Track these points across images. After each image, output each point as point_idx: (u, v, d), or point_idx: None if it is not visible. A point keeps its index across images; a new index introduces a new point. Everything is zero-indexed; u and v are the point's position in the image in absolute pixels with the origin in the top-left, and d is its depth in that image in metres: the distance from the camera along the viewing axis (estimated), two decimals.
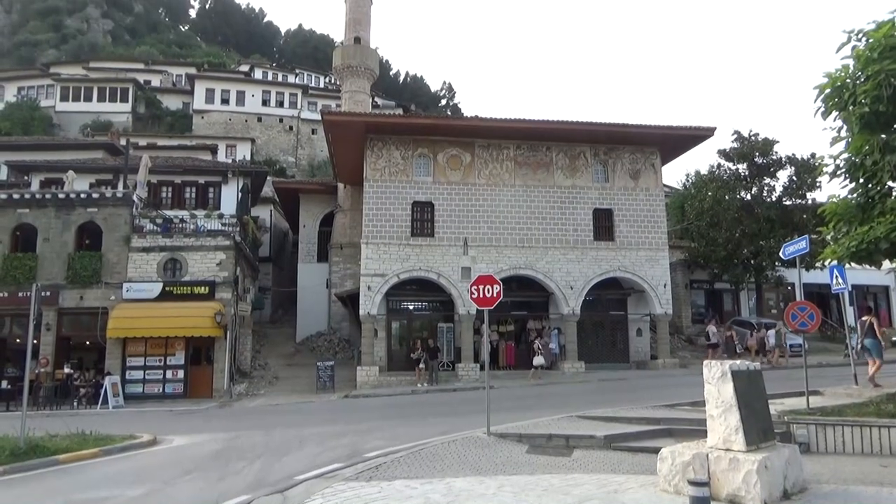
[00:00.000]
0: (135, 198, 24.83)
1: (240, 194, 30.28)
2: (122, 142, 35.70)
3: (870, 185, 10.53)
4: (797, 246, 12.61)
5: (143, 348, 23.48)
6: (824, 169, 11.27)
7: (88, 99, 54.53)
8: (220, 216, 26.57)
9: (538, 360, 23.16)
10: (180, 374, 23.59)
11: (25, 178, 31.00)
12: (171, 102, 58.98)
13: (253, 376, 25.99)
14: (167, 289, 23.68)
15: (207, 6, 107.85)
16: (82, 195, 24.68)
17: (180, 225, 25.51)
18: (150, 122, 56.11)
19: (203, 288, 23.86)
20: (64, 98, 54.19)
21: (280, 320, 35.32)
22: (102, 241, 24.11)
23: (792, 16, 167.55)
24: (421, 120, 29.47)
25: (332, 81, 69.01)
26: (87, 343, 24.26)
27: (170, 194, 30.96)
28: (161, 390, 23.29)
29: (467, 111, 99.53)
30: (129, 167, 27.54)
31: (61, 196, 24.42)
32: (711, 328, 26.88)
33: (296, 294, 32.84)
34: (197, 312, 23.15)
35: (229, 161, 41.49)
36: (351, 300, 27.34)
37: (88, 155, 34.70)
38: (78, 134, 49.67)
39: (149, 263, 23.98)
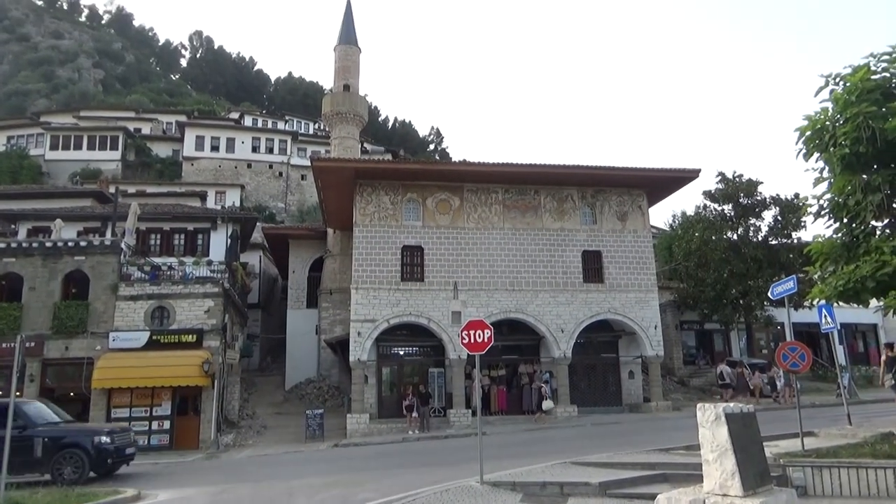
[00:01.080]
0: (123, 245, 24.70)
1: (229, 241, 30.19)
2: (111, 189, 35.69)
3: (854, 225, 10.66)
4: (785, 286, 12.68)
5: (128, 399, 23.00)
6: (808, 209, 11.41)
7: (78, 147, 54.73)
8: (209, 263, 26.40)
9: (547, 404, 23.03)
10: (166, 424, 23.09)
11: (12, 226, 30.80)
12: (161, 150, 59.31)
13: (241, 426, 25.49)
14: (154, 337, 23.37)
15: (198, 55, 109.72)
16: (69, 243, 24.53)
17: (168, 272, 25.31)
18: (139, 169, 56.31)
19: (191, 336, 23.57)
20: (54, 147, 54.37)
21: (269, 368, 34.81)
22: (89, 289, 23.85)
23: (772, 59, 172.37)
24: (410, 165, 29.80)
25: (322, 128, 69.77)
26: (72, 394, 23.75)
27: (158, 241, 30.82)
28: (146, 442, 22.72)
29: (455, 155, 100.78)
30: (117, 215, 27.47)
31: (48, 244, 24.26)
32: (725, 368, 26.72)
33: (285, 341, 32.47)
34: (184, 361, 22.81)
35: (218, 207, 41.46)
36: (341, 346, 27.07)
37: (77, 203, 34.63)
38: (67, 182, 49.71)
39: (136, 312, 23.71)
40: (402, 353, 26.10)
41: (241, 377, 28.45)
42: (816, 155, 10.77)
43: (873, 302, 11.16)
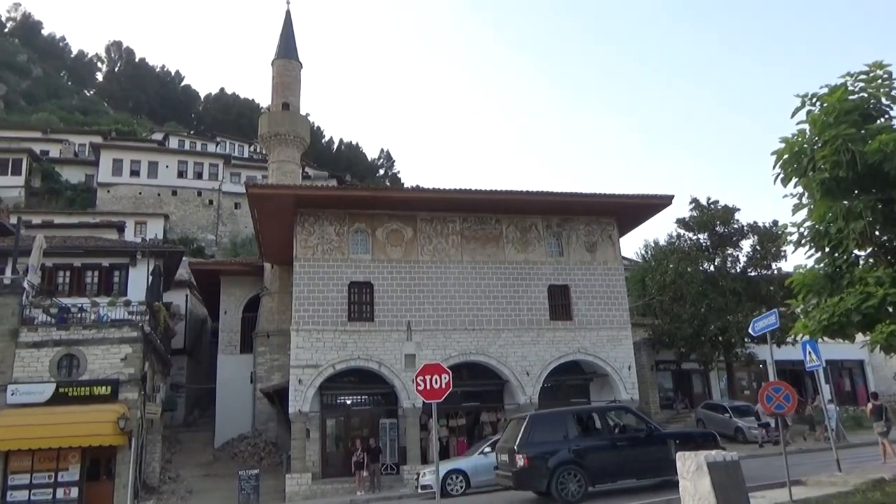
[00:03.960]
0: (25, 285, 23.87)
1: (150, 278, 29.53)
2: (13, 220, 34.62)
3: (836, 254, 11.02)
4: (767, 321, 13.03)
5: (29, 463, 21.97)
6: (788, 238, 11.77)
7: None
8: (127, 303, 25.75)
9: None
10: (74, 492, 22.03)
11: None
12: (73, 175, 58.03)
13: (162, 491, 24.63)
14: (61, 390, 22.46)
15: (117, 69, 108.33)
16: None
17: (79, 315, 24.55)
18: (46, 197, 54.89)
19: (104, 388, 22.75)
20: None
21: (196, 423, 33.96)
22: None
23: (748, 78, 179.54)
24: (357, 192, 29.75)
25: (258, 150, 69.43)
26: None
27: (68, 279, 29.90)
28: None
29: (408, 181, 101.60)
30: (19, 250, 26.57)
31: None
32: (760, 408, 27.38)
33: (214, 391, 31.75)
34: (96, 417, 21.95)
35: (138, 240, 40.66)
36: (279, 396, 26.59)
37: None
38: None
39: (40, 361, 22.80)
40: (349, 402, 25.76)
41: (164, 434, 27.64)
42: (795, 180, 11.15)
43: (859, 337, 11.52)
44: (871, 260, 11.03)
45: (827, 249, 11.14)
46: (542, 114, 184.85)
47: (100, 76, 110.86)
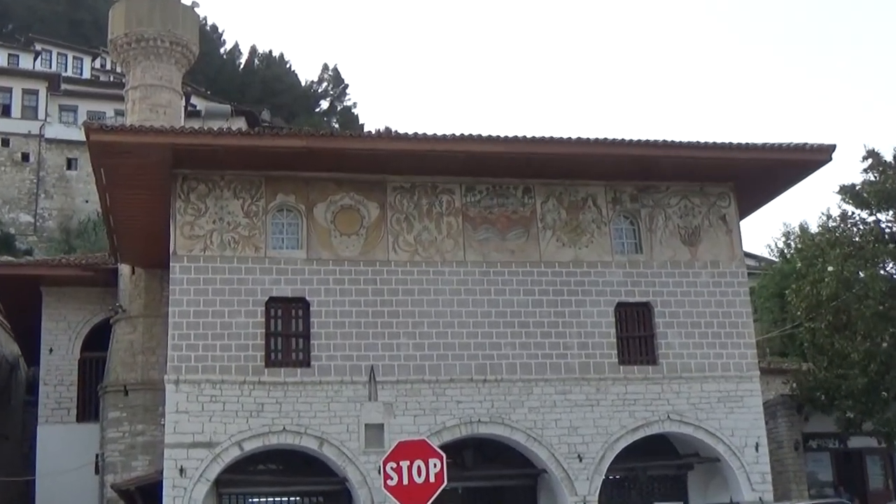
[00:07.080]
0: None
1: None
2: None
3: None
4: None
5: None
6: None
7: None
8: None
9: None
10: None
11: None
12: None
13: None
14: None
15: None
16: None
17: None
18: None
19: None
20: None
21: None
22: None
23: None
24: (282, 140, 29.50)
25: (108, 67, 69.29)
26: None
27: None
28: None
29: (370, 123, 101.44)
30: None
31: None
32: None
33: (33, 487, 31.86)
34: None
35: None
36: (145, 497, 26.63)
37: None
38: None
39: None
40: None
41: None
42: None
43: None
44: None
45: None
46: (588, 31, 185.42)
47: None
